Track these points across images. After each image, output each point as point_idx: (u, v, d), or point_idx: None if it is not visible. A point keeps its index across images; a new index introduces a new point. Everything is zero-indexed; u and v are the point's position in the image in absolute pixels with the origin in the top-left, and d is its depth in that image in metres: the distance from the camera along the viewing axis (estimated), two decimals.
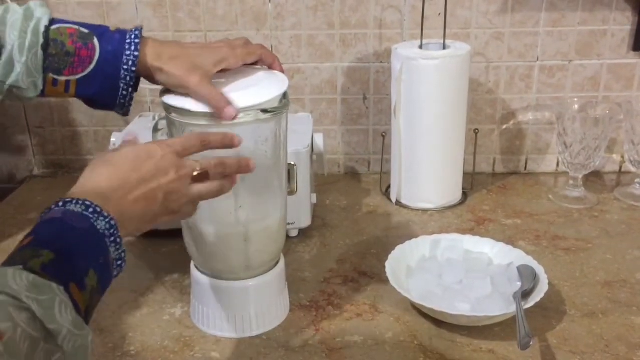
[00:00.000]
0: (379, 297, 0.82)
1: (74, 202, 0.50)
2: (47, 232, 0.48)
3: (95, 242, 0.49)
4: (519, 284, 0.78)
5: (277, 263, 0.78)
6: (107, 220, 0.50)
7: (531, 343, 0.67)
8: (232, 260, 0.74)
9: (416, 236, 0.87)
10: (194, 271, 0.77)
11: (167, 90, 0.70)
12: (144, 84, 0.87)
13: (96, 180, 0.54)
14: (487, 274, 0.80)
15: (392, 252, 0.83)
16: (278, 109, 0.69)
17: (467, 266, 0.81)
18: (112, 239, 0.51)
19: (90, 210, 0.50)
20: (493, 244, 0.86)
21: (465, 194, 1.09)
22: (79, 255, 0.48)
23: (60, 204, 0.50)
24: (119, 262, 0.52)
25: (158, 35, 1.11)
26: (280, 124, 0.71)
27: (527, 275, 0.79)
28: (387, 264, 0.80)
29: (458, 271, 0.80)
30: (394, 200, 1.07)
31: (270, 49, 1.11)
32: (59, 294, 0.43)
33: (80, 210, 0.49)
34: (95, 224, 0.49)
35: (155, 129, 0.75)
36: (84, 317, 0.46)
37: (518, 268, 0.80)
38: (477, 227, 0.99)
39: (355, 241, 0.96)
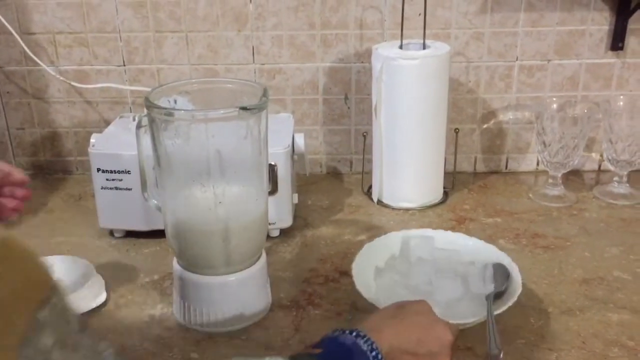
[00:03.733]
0: (360, 296, 0.82)
1: (365, 340, 0.55)
2: (335, 354, 0.54)
3: None
4: (494, 284, 0.76)
5: (258, 259, 0.78)
6: None
7: (501, 356, 0.66)
8: (212, 256, 0.74)
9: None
10: (176, 266, 0.77)
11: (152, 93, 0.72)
12: (123, 85, 0.85)
13: (388, 331, 0.58)
14: (458, 274, 0.78)
15: (360, 251, 0.81)
16: (257, 107, 0.69)
17: (437, 265, 0.79)
18: None
19: (373, 354, 0.55)
20: (467, 240, 0.85)
21: (446, 193, 1.09)
22: None
23: (354, 333, 0.56)
24: None
25: (138, 37, 1.11)
26: (259, 121, 0.72)
27: (501, 276, 0.77)
28: (353, 264, 0.79)
29: (427, 271, 0.78)
30: (375, 200, 1.08)
31: (252, 50, 1.12)
32: None
33: (365, 349, 0.55)
34: None
35: (139, 127, 0.76)
36: None
37: (493, 267, 0.79)
38: (458, 225, 0.99)
39: (337, 241, 0.96)
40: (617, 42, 1.09)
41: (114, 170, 0.91)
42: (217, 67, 1.13)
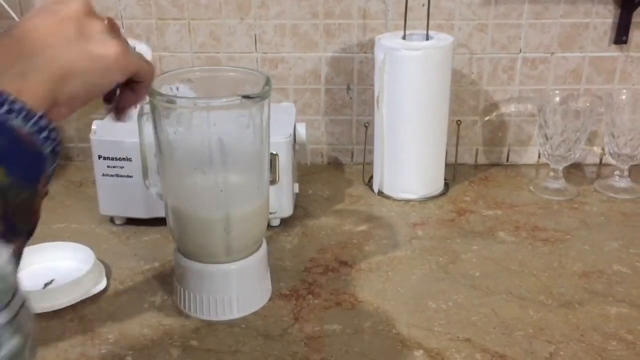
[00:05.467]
0: (359, 286, 0.82)
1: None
2: None
3: None
4: None
5: (258, 248, 0.78)
6: None
7: None
8: (213, 244, 0.74)
9: (397, 227, 0.87)
10: (177, 255, 0.77)
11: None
12: None
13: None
14: None
15: None
16: (260, 95, 0.69)
17: None
18: (4, 109, 0.37)
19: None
20: None
21: (447, 185, 1.09)
22: None
23: None
24: (45, 134, 0.39)
25: (141, 24, 1.10)
26: (262, 110, 0.72)
27: None
28: None
29: None
30: (376, 191, 1.08)
31: (254, 38, 1.11)
32: None
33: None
34: None
35: (141, 114, 0.76)
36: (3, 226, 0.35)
37: None
38: (458, 217, 0.99)
39: (337, 231, 0.96)
40: (621, 35, 1.09)
41: (115, 157, 0.91)
42: (219, 56, 1.13)
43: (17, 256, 0.36)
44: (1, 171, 0.35)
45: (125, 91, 0.52)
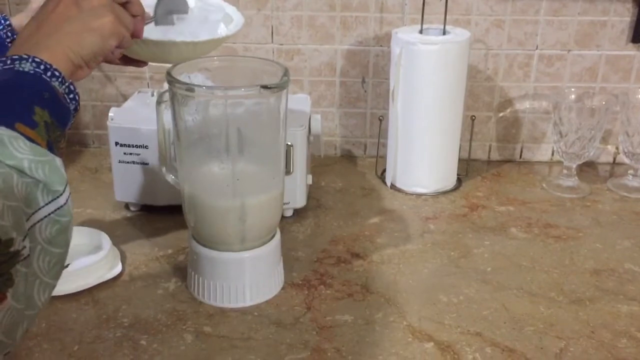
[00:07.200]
0: (371, 278, 0.83)
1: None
2: None
3: (29, 83, 0.50)
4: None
5: (272, 237, 0.79)
6: (29, 61, 0.51)
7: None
8: (228, 232, 0.75)
9: (409, 220, 0.87)
10: (191, 242, 0.78)
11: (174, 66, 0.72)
12: None
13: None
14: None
15: None
16: (278, 86, 0.70)
17: None
18: (49, 74, 0.51)
19: (8, 61, 0.50)
20: None
21: (459, 180, 1.10)
22: (13, 98, 0.48)
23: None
24: (71, 96, 0.53)
25: None
26: (280, 100, 0.72)
27: None
28: None
29: None
30: (388, 184, 1.08)
31: (271, 30, 1.12)
32: (3, 131, 0.43)
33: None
34: (19, 68, 0.50)
35: (159, 102, 0.77)
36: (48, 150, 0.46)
37: None
38: (470, 212, 1.00)
39: (349, 223, 0.97)
40: (638, 34, 1.08)
41: (132, 145, 0.92)
42: (235, 46, 1.13)
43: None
44: (47, 113, 0.49)
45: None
